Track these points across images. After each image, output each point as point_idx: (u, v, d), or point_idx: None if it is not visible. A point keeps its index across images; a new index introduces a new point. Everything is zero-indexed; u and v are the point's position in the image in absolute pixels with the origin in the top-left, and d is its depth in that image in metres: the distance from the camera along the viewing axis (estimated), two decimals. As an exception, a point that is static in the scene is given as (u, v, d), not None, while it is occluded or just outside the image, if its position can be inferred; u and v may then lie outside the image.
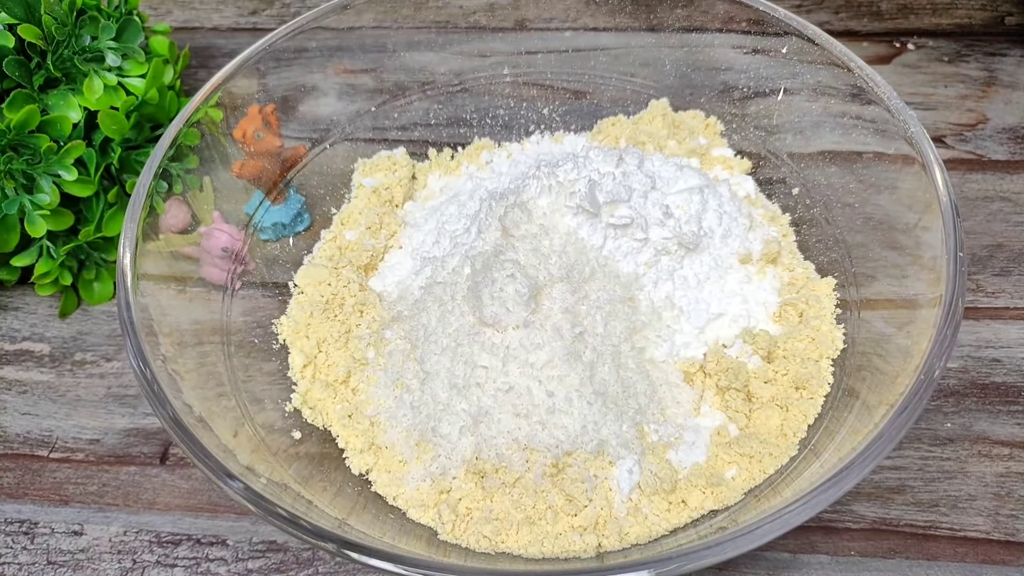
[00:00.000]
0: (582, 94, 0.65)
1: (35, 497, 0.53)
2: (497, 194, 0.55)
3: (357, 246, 0.58)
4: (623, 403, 0.48)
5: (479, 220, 0.54)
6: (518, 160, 0.62)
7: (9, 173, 0.55)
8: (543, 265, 0.50)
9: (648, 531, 0.44)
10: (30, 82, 0.56)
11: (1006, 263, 0.60)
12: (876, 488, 0.51)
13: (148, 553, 0.51)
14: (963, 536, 0.49)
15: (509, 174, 0.60)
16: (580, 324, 0.49)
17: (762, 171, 0.60)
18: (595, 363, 0.48)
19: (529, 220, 0.52)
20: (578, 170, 0.53)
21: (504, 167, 0.62)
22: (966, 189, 0.64)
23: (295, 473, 0.47)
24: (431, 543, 0.45)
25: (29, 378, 0.59)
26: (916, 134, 0.48)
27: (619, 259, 0.52)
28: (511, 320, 0.48)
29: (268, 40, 0.57)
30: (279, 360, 0.54)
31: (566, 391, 0.47)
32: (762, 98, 0.60)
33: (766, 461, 0.46)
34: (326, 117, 0.62)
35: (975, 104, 0.70)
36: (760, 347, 0.50)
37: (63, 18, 0.56)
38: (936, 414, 0.53)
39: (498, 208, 0.53)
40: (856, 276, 0.52)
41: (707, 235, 0.53)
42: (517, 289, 0.48)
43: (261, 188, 0.58)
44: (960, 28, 0.75)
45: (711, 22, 0.60)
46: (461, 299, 0.50)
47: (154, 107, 0.60)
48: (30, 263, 0.58)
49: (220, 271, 0.54)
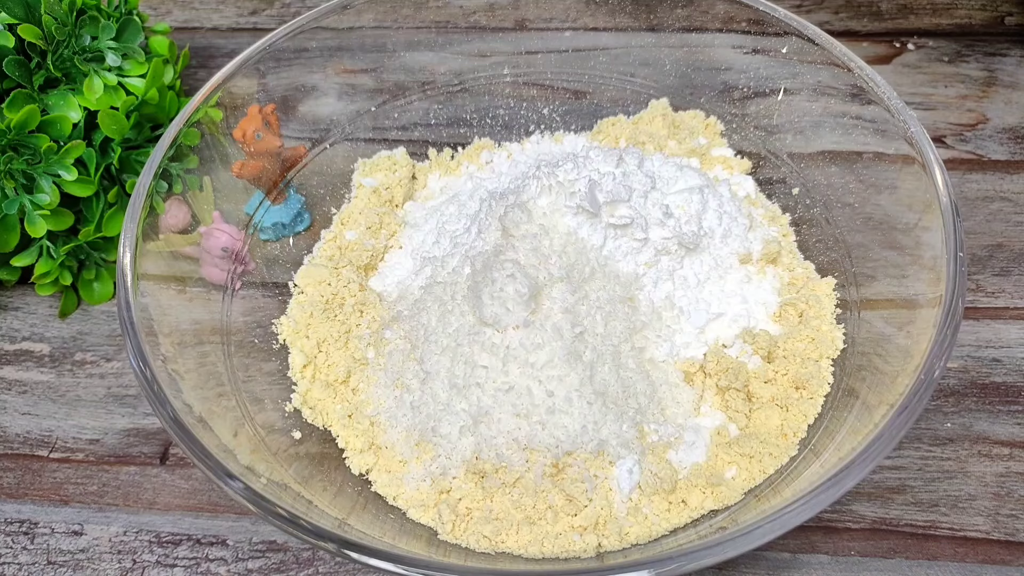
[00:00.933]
0: (582, 94, 0.65)
1: (35, 497, 0.53)
2: (497, 194, 0.55)
3: (357, 246, 0.58)
4: (623, 403, 0.48)
5: (479, 220, 0.54)
6: (518, 160, 0.62)
7: (9, 173, 0.55)
8: (543, 265, 0.50)
9: (648, 531, 0.44)
10: (30, 82, 0.56)
11: (1006, 263, 0.60)
12: (876, 488, 0.51)
13: (148, 553, 0.51)
14: (963, 536, 0.49)
15: (509, 174, 0.60)
16: (580, 324, 0.49)
17: (762, 171, 0.60)
18: (595, 363, 0.48)
19: (529, 220, 0.52)
20: (578, 170, 0.53)
21: (504, 167, 0.62)
22: (966, 189, 0.64)
23: (295, 473, 0.47)
24: (431, 543, 0.45)
25: (29, 378, 0.59)
26: (916, 134, 0.48)
27: (619, 259, 0.52)
28: (511, 320, 0.48)
29: (268, 40, 0.57)
30: (279, 360, 0.54)
31: (566, 391, 0.47)
32: (762, 98, 0.60)
33: (766, 461, 0.46)
34: (326, 117, 0.62)
35: (975, 104, 0.70)
36: (760, 347, 0.50)
37: (63, 18, 0.56)
38: (936, 414, 0.53)
39: (498, 208, 0.53)
40: (856, 276, 0.52)
41: (707, 235, 0.53)
42: (517, 289, 0.48)
43: (261, 188, 0.58)
44: (960, 28, 0.75)
45: (711, 22, 0.60)
46: (461, 299, 0.50)
47: (154, 107, 0.60)
48: (30, 263, 0.58)
49: (220, 271, 0.54)
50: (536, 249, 0.51)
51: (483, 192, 0.57)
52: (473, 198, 0.57)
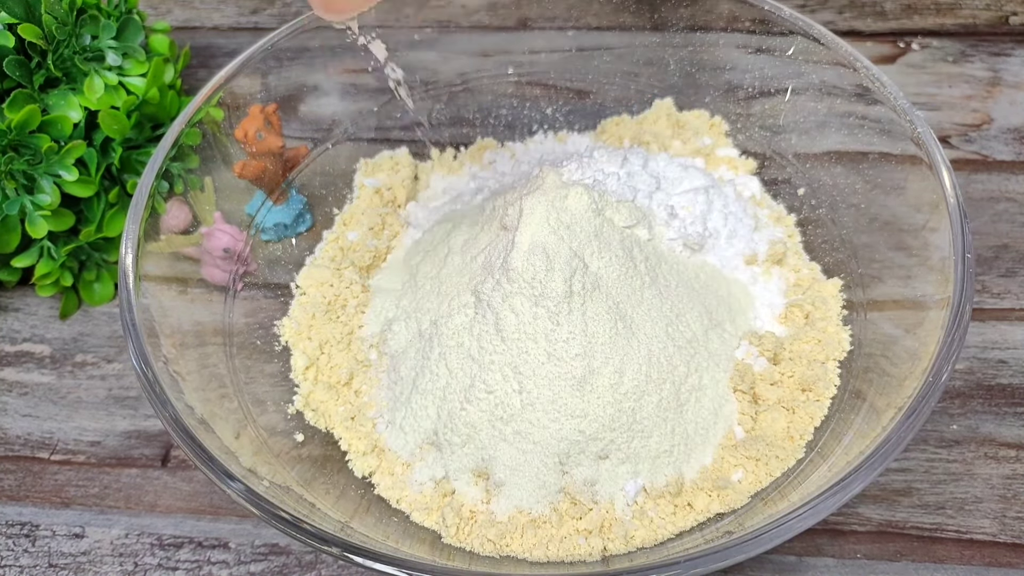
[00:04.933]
0: (586, 93, 0.65)
1: (36, 499, 0.53)
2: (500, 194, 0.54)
3: (359, 247, 0.58)
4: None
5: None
6: (521, 160, 0.62)
7: (10, 173, 0.54)
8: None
9: (654, 535, 0.44)
10: (30, 82, 0.56)
11: (1012, 264, 0.60)
12: (882, 490, 0.50)
13: (150, 556, 0.50)
14: (969, 539, 0.49)
15: (512, 174, 0.60)
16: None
17: (767, 171, 0.60)
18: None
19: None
20: (582, 170, 0.53)
21: (507, 167, 0.62)
22: (971, 190, 0.64)
23: (298, 476, 0.46)
24: (435, 547, 0.45)
25: (30, 380, 0.59)
26: (923, 135, 0.48)
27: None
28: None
29: (270, 39, 0.56)
30: (281, 362, 0.53)
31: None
32: (767, 98, 0.60)
33: (772, 464, 0.46)
34: (328, 117, 0.62)
35: (980, 104, 0.69)
36: (766, 349, 0.49)
37: (63, 17, 0.56)
38: (942, 416, 0.53)
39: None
40: (863, 277, 0.52)
41: (712, 236, 0.53)
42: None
43: (263, 188, 0.57)
44: (964, 28, 0.75)
45: (715, 21, 0.60)
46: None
47: (155, 106, 0.60)
48: (31, 264, 0.58)
49: (221, 272, 0.54)
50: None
51: (486, 192, 0.57)
52: (476, 198, 0.57)
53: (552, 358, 0.45)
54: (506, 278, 0.46)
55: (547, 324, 0.45)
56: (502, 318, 0.46)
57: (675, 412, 0.46)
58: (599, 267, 0.47)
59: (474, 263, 0.49)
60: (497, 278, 0.47)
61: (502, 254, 0.47)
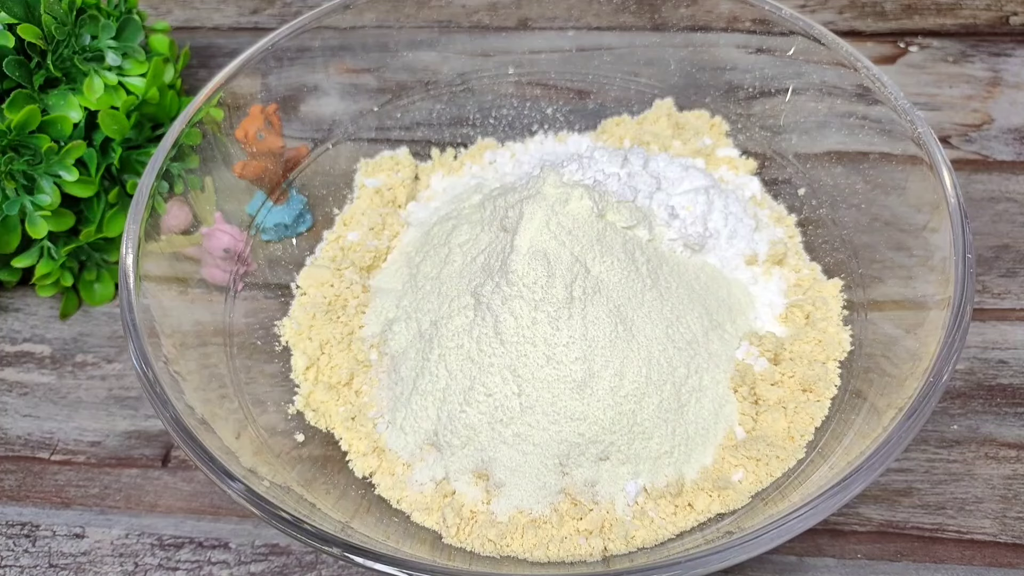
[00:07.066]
0: (586, 94, 0.65)
1: (36, 500, 0.53)
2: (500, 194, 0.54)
3: (360, 247, 0.58)
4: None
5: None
6: (522, 160, 0.62)
7: (10, 174, 0.54)
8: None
9: (654, 535, 0.44)
10: (30, 82, 0.56)
11: (1012, 264, 0.60)
12: (883, 490, 0.50)
13: (150, 556, 0.50)
14: (970, 539, 0.49)
15: (513, 174, 0.60)
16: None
17: (768, 171, 0.60)
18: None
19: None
20: (583, 170, 0.53)
21: (508, 167, 0.62)
22: (971, 190, 0.64)
23: (298, 476, 0.46)
24: (435, 547, 0.45)
25: (30, 380, 0.59)
26: (924, 135, 0.48)
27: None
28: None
29: (270, 40, 0.56)
30: (281, 362, 0.53)
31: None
32: (768, 98, 0.60)
33: (773, 464, 0.46)
34: (328, 117, 0.62)
35: (980, 104, 0.69)
36: (766, 349, 0.49)
37: (63, 17, 0.56)
38: (943, 416, 0.53)
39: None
40: (863, 277, 0.52)
41: (713, 236, 0.53)
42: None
43: (263, 188, 0.57)
44: (965, 28, 0.75)
45: (716, 21, 0.60)
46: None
47: (155, 106, 0.60)
48: (31, 264, 0.58)
49: (222, 272, 0.54)
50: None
51: (486, 192, 0.57)
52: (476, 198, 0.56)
53: (551, 361, 0.45)
54: (505, 281, 0.46)
55: (546, 329, 0.45)
56: (501, 321, 0.46)
57: (675, 413, 0.46)
58: (601, 271, 0.47)
59: (474, 264, 0.49)
60: (496, 280, 0.47)
61: (501, 256, 0.47)
